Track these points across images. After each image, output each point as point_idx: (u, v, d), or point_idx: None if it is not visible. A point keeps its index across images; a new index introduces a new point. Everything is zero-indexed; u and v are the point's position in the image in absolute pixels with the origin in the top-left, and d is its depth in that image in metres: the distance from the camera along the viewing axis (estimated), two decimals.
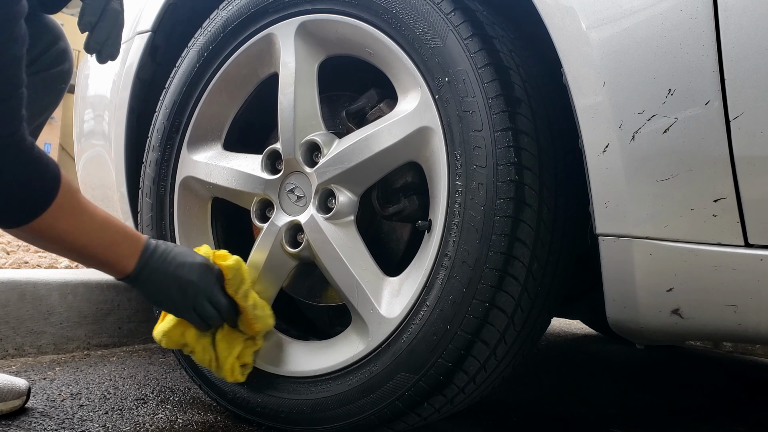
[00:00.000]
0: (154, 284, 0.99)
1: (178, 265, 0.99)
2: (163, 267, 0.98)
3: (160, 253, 0.99)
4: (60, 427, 1.00)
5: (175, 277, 0.99)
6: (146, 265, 0.97)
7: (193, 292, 0.99)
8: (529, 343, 0.95)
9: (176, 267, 0.99)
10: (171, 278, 0.99)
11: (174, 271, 0.99)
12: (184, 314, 1.02)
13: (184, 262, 1.00)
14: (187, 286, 0.99)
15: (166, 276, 0.98)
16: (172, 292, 0.99)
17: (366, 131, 1.02)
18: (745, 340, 0.80)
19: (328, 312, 1.26)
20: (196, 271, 1.00)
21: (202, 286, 1.00)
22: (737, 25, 0.71)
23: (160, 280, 0.98)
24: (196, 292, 1.00)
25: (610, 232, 0.81)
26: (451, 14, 0.93)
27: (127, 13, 1.49)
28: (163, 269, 0.98)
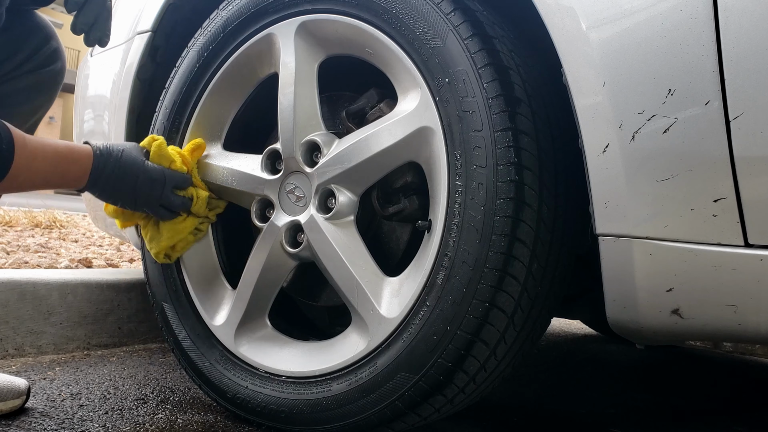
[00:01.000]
0: (107, 191, 1.08)
1: (133, 179, 1.08)
2: (115, 182, 1.07)
3: (109, 171, 1.06)
4: (60, 427, 1.00)
5: (130, 190, 1.09)
6: (98, 178, 1.06)
7: (157, 191, 1.10)
8: (529, 343, 0.95)
9: (132, 181, 1.08)
10: (125, 192, 1.09)
11: (129, 185, 1.08)
12: (147, 210, 1.13)
13: (137, 177, 1.08)
14: (143, 198, 1.10)
15: (119, 190, 1.08)
16: (126, 201, 1.10)
17: (366, 131, 1.02)
18: (745, 340, 0.80)
19: (328, 312, 1.26)
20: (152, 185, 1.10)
21: (156, 196, 1.10)
22: (737, 25, 0.71)
23: (114, 190, 1.08)
24: (149, 202, 1.11)
25: (610, 232, 0.81)
26: (451, 14, 0.93)
27: (127, 13, 1.50)
28: (115, 184, 1.07)
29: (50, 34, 1.08)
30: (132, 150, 1.10)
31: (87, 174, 1.04)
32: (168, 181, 1.11)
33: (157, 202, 1.11)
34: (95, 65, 1.64)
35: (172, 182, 1.12)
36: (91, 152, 1.05)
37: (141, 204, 1.11)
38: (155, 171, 1.10)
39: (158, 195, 1.10)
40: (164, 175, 1.11)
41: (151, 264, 1.26)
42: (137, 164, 1.09)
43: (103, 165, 1.05)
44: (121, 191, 1.09)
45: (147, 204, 1.11)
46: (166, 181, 1.11)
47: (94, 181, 1.05)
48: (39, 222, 3.66)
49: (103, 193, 1.08)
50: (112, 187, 1.07)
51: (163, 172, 1.11)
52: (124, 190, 1.08)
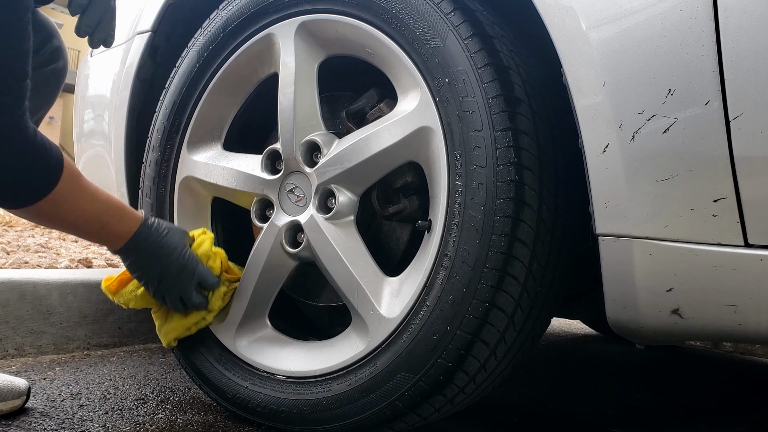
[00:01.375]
0: (138, 264, 1.06)
1: (167, 260, 1.06)
2: (154, 252, 1.05)
3: (153, 240, 1.05)
4: (60, 427, 1.00)
5: (159, 270, 1.06)
6: (137, 245, 1.04)
7: (182, 282, 1.07)
8: (529, 343, 0.95)
9: (165, 261, 1.06)
10: (154, 269, 1.06)
11: (160, 265, 1.06)
12: (165, 296, 1.09)
13: (170, 261, 1.06)
14: (167, 283, 1.07)
15: (149, 265, 1.06)
16: (149, 278, 1.07)
17: (366, 131, 1.02)
18: (745, 340, 0.80)
19: (328, 312, 1.26)
20: (181, 273, 1.07)
21: (178, 287, 1.08)
22: (737, 25, 0.71)
23: (145, 263, 1.06)
24: (170, 289, 1.07)
25: (610, 232, 0.81)
26: (450, 14, 0.93)
27: (127, 13, 1.50)
28: (147, 258, 1.06)
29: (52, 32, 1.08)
30: (178, 233, 1.09)
31: (128, 236, 1.03)
32: (196, 276, 1.08)
33: (178, 293, 1.08)
34: (95, 65, 1.64)
35: (199, 278, 1.09)
36: (141, 218, 1.05)
37: (162, 288, 1.07)
38: (190, 261, 1.08)
39: (182, 286, 1.08)
40: (196, 268, 1.08)
41: None
42: (177, 247, 1.07)
43: (147, 234, 1.04)
44: (150, 268, 1.06)
45: (167, 290, 1.08)
46: (195, 275, 1.08)
47: (133, 246, 1.04)
48: None
49: (134, 263, 1.06)
50: (144, 259, 1.05)
51: (197, 264, 1.09)
52: (154, 268, 1.06)
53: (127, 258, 1.06)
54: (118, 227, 1.02)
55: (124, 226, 1.03)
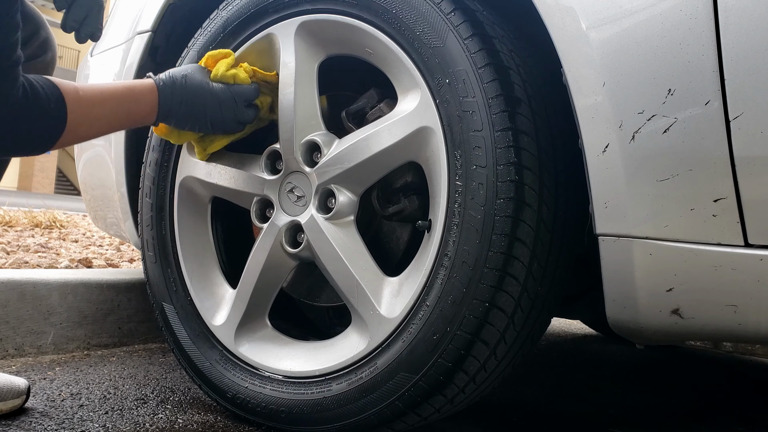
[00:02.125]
0: (180, 121, 1.09)
1: (202, 105, 1.08)
2: (187, 110, 1.07)
3: (178, 99, 1.06)
4: (60, 427, 1.00)
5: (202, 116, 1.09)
6: (168, 111, 1.06)
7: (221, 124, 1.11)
8: (529, 343, 0.95)
9: (201, 107, 1.08)
10: (198, 118, 1.09)
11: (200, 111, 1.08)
12: (223, 129, 1.13)
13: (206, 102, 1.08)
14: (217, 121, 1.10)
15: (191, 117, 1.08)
16: (200, 126, 1.10)
17: (366, 131, 1.02)
18: (745, 340, 0.80)
19: (328, 312, 1.26)
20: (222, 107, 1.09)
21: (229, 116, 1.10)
22: (737, 25, 0.71)
23: (184, 121, 1.09)
24: (224, 122, 1.11)
25: (610, 232, 0.81)
26: (451, 14, 0.93)
27: (127, 13, 1.50)
28: (186, 112, 1.07)
29: (40, 23, 1.07)
30: (195, 73, 1.10)
31: (155, 109, 1.05)
32: (238, 100, 1.10)
33: (234, 121, 1.11)
34: (95, 65, 1.64)
35: (242, 99, 1.11)
36: (155, 86, 1.05)
37: (218, 127, 1.11)
38: (223, 92, 1.09)
39: (232, 115, 1.10)
40: (232, 94, 1.10)
41: (151, 264, 1.26)
42: (203, 89, 1.08)
43: (170, 96, 1.05)
44: (193, 117, 1.08)
45: (223, 125, 1.11)
46: (236, 100, 1.10)
47: (165, 115, 1.06)
48: (39, 222, 3.66)
49: (178, 123, 1.09)
50: (183, 116, 1.07)
51: (230, 91, 1.10)
52: (196, 116, 1.08)
53: (169, 123, 1.08)
54: (142, 108, 1.04)
55: (145, 103, 1.04)
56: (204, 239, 1.26)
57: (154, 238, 1.26)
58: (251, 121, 1.14)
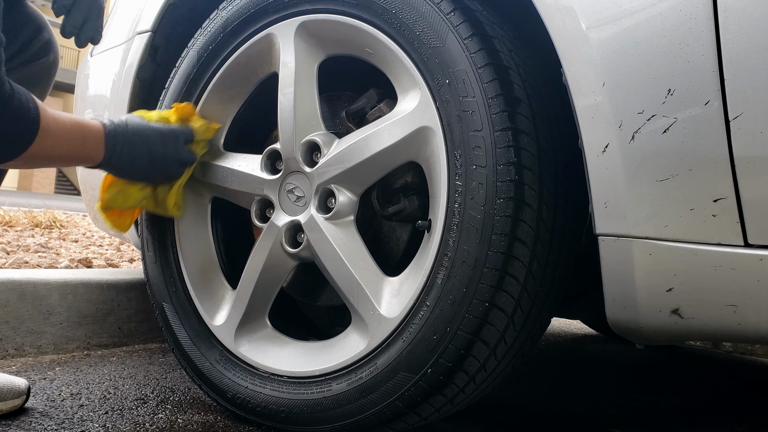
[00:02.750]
0: (123, 165, 1.08)
1: (145, 143, 1.08)
2: (131, 148, 1.07)
3: (122, 138, 1.06)
4: (60, 427, 1.00)
5: (145, 154, 1.08)
6: (113, 149, 1.06)
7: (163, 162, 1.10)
8: (529, 343, 0.95)
9: (144, 144, 1.08)
10: (141, 156, 1.08)
11: (143, 149, 1.08)
12: (154, 179, 1.14)
13: (149, 139, 1.09)
14: (159, 158, 1.10)
15: (135, 156, 1.08)
16: (143, 166, 1.09)
17: (366, 131, 1.02)
18: (745, 340, 0.80)
19: (328, 312, 1.26)
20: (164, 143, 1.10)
21: (171, 154, 1.11)
22: (737, 25, 0.71)
23: (129, 160, 1.08)
24: (166, 160, 1.11)
25: (610, 232, 0.81)
26: (450, 14, 0.93)
27: (127, 13, 1.50)
28: (130, 150, 1.07)
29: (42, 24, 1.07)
30: (134, 117, 1.11)
31: (101, 147, 1.04)
32: (178, 136, 1.11)
33: (176, 161, 1.12)
34: (95, 65, 1.64)
35: (181, 137, 1.12)
36: (101, 126, 1.05)
37: (158, 169, 1.10)
38: (163, 128, 1.10)
39: (174, 153, 1.10)
40: (173, 131, 1.11)
41: (151, 264, 1.26)
42: (145, 126, 1.09)
43: (114, 135, 1.05)
44: (137, 159, 1.08)
45: (165, 166, 1.11)
46: (177, 137, 1.11)
47: (110, 154, 1.05)
48: (39, 222, 3.66)
49: (120, 164, 1.08)
50: (128, 155, 1.07)
51: (171, 128, 1.11)
52: (140, 155, 1.08)
53: (111, 164, 1.07)
54: (90, 144, 1.03)
55: (94, 139, 1.03)
56: (204, 239, 1.26)
57: (154, 238, 1.26)
58: (192, 163, 1.15)
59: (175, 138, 1.10)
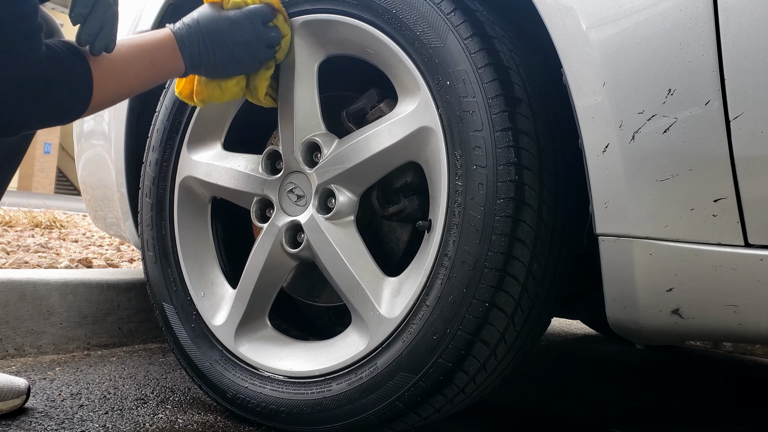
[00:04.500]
0: (209, 67, 1.04)
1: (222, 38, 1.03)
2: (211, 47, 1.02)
3: (198, 40, 1.01)
4: (60, 427, 1.00)
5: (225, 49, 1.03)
6: (193, 58, 1.01)
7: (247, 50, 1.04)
8: (529, 343, 0.95)
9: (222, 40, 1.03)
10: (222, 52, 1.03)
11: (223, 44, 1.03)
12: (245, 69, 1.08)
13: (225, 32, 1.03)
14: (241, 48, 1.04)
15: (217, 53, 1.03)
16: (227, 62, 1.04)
17: (366, 131, 1.02)
18: (745, 340, 0.80)
19: (328, 312, 1.26)
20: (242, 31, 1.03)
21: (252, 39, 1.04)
22: (737, 25, 0.71)
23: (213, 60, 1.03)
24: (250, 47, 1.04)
25: (610, 232, 0.81)
26: (451, 14, 0.93)
27: (127, 13, 1.50)
28: (211, 50, 1.02)
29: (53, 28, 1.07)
30: (205, 9, 1.05)
31: (177, 54, 1.00)
32: (254, 19, 1.04)
33: (260, 45, 1.05)
34: None
35: (258, 17, 1.05)
36: (170, 31, 1.01)
37: (245, 59, 1.05)
38: (238, 15, 1.03)
39: (254, 38, 1.04)
40: (246, 14, 1.04)
41: (151, 264, 1.26)
42: (218, 18, 1.03)
43: (188, 40, 1.01)
44: (219, 56, 1.03)
45: (250, 53, 1.05)
46: (253, 20, 1.04)
47: (190, 59, 1.01)
48: (39, 222, 3.66)
49: (207, 66, 1.03)
50: (210, 55, 1.02)
51: (244, 12, 1.04)
52: (222, 52, 1.03)
53: (198, 70, 1.04)
54: (163, 54, 1.00)
55: (165, 48, 1.00)
56: (204, 239, 1.26)
57: (154, 238, 1.26)
58: (277, 43, 1.07)
59: (251, 21, 1.03)
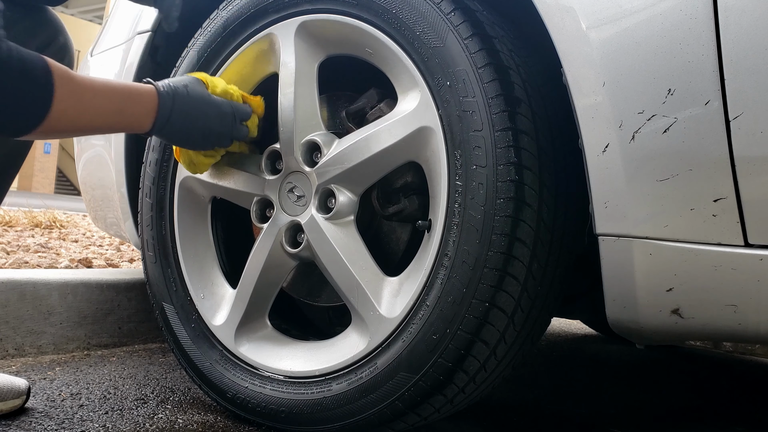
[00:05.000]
0: (176, 133, 1.02)
1: (202, 117, 1.03)
2: (185, 121, 1.01)
3: (179, 108, 1.00)
4: (60, 427, 1.00)
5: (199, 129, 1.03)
6: (167, 119, 0.99)
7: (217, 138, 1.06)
8: (529, 343, 0.95)
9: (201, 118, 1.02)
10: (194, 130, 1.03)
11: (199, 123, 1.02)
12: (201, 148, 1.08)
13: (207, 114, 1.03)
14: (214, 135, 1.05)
15: (189, 129, 1.02)
16: (194, 139, 1.05)
17: (366, 131, 1.02)
18: (745, 340, 0.80)
19: (328, 312, 1.26)
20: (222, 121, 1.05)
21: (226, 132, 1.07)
22: (737, 25, 0.71)
23: (183, 127, 1.01)
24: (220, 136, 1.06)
25: (610, 232, 0.81)
26: (450, 14, 0.93)
27: (127, 13, 1.50)
28: (184, 123, 1.01)
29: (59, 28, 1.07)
30: (196, 84, 1.04)
31: (151, 115, 0.97)
32: (237, 115, 1.07)
33: (230, 137, 1.08)
34: (95, 65, 1.64)
35: (240, 116, 1.08)
36: (155, 90, 0.98)
37: (212, 142, 1.06)
38: (224, 105, 1.06)
39: (229, 130, 1.06)
40: (233, 108, 1.07)
41: (151, 264, 1.26)
42: (205, 100, 1.04)
43: (171, 104, 0.99)
44: (192, 131, 1.02)
45: (219, 141, 1.07)
46: (236, 115, 1.07)
47: (163, 123, 0.99)
48: (39, 222, 3.66)
49: (173, 135, 1.02)
50: (180, 127, 1.01)
51: (231, 105, 1.07)
52: (196, 128, 1.02)
53: (163, 134, 1.01)
54: (137, 108, 0.96)
55: (142, 105, 0.97)
56: (204, 239, 1.26)
57: (154, 238, 1.26)
58: (243, 138, 1.11)
59: (234, 118, 1.07)
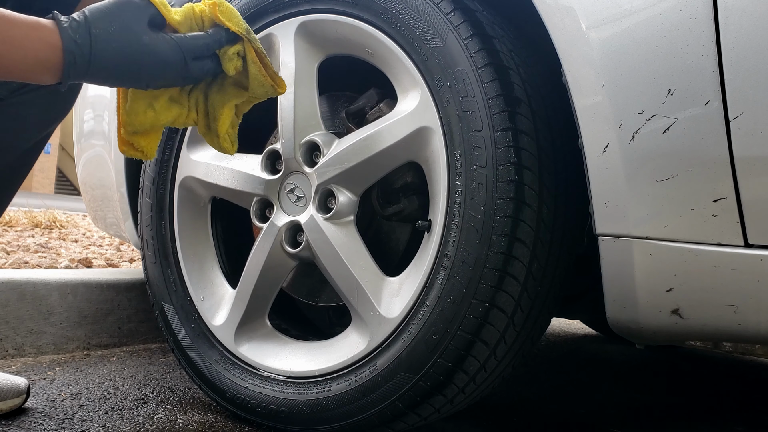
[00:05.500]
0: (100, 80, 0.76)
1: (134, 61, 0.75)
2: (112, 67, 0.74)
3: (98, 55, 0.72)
4: (60, 427, 1.00)
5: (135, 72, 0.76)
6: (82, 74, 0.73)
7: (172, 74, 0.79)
8: (529, 343, 0.95)
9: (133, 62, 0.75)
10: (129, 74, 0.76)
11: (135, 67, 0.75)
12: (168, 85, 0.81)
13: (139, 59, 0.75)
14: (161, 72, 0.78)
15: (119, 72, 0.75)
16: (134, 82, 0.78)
17: (366, 131, 1.02)
18: (745, 340, 0.80)
19: (328, 312, 1.26)
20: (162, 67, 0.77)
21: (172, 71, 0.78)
22: (737, 25, 0.71)
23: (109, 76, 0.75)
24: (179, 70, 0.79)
25: (610, 232, 0.81)
26: (450, 14, 0.93)
27: None
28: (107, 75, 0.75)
29: None
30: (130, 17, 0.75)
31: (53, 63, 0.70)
32: (190, 54, 0.79)
33: (182, 80, 0.80)
34: None
35: (197, 52, 0.79)
36: (56, 27, 0.70)
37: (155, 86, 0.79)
38: (166, 51, 0.77)
39: (175, 76, 0.79)
40: (182, 50, 0.78)
41: (151, 264, 1.26)
42: (137, 45, 0.75)
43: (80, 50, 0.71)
44: (120, 81, 0.77)
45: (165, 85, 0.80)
46: (185, 57, 0.78)
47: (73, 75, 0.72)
48: (39, 222, 3.66)
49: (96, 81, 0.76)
50: (104, 77, 0.75)
51: (179, 46, 0.78)
52: (125, 79, 0.77)
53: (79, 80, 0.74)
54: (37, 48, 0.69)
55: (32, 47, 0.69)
56: (204, 239, 1.26)
57: (154, 238, 1.26)
58: (205, 77, 0.82)
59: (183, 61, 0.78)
